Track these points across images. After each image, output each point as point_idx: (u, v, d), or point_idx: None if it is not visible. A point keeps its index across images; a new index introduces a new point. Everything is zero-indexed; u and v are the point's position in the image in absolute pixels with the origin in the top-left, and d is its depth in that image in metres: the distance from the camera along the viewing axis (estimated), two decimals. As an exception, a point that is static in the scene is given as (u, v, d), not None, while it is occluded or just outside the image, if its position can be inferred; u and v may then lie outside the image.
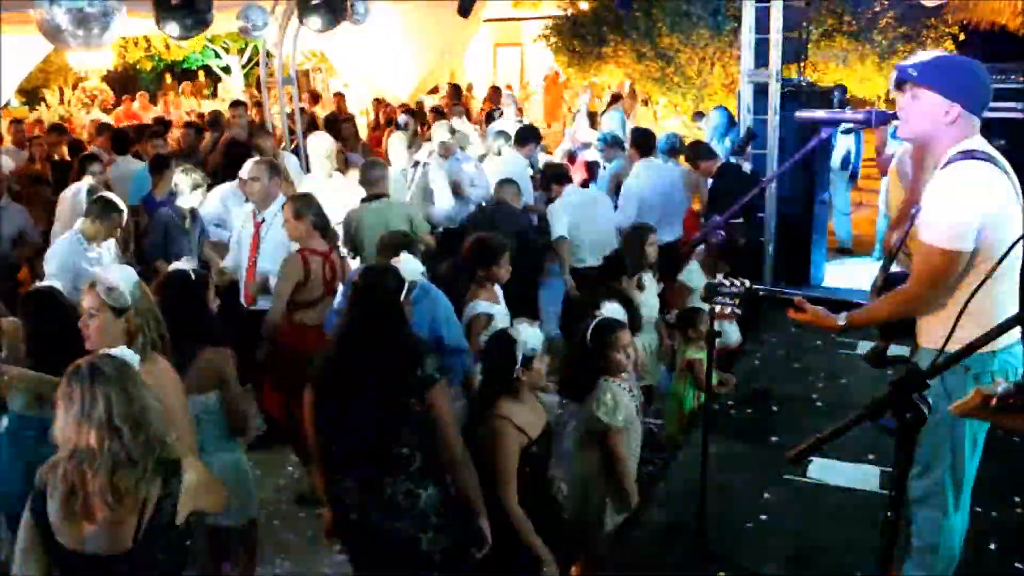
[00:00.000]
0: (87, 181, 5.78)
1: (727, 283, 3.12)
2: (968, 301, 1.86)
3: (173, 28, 6.67)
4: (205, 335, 3.24)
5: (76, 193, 5.62)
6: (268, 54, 10.39)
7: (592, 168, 7.96)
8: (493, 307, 4.10)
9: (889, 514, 1.72)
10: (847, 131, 7.96)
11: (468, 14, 9.38)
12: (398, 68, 14.78)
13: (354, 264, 5.05)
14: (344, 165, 7.17)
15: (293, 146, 9.00)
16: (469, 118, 10.64)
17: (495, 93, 13.10)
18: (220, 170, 6.94)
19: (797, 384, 5.23)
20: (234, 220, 5.49)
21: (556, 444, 3.39)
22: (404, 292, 3.08)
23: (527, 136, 7.45)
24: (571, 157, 8.28)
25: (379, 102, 12.84)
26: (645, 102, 14.53)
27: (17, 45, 9.63)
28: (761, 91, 6.79)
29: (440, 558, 2.90)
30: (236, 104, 9.53)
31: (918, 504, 2.76)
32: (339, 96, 13.49)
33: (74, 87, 15.77)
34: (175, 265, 3.45)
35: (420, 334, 3.38)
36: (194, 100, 15.43)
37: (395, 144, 6.96)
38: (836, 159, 8.14)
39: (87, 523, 2.14)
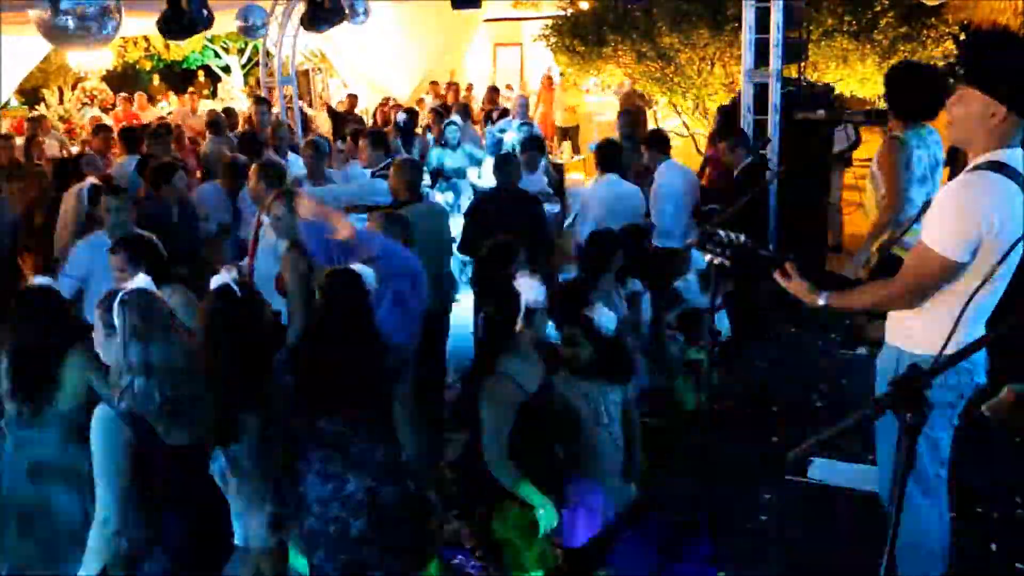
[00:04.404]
0: (90, 181, 5.79)
1: (722, 233, 2.99)
2: (964, 308, 1.87)
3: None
4: None
5: (79, 193, 5.63)
6: (268, 54, 10.40)
7: None
8: None
9: (889, 514, 1.72)
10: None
11: (478, 4, 9.28)
12: (398, 68, 14.78)
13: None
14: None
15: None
16: (471, 118, 10.63)
17: (493, 93, 13.10)
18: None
19: (797, 384, 5.22)
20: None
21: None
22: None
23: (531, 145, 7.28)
24: None
25: (384, 102, 12.82)
26: (648, 103, 14.53)
27: (17, 45, 9.62)
28: (761, 91, 6.80)
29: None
30: (260, 100, 9.47)
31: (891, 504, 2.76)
32: (351, 98, 13.49)
33: (74, 87, 15.77)
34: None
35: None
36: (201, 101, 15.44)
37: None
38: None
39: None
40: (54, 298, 3.32)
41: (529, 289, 3.12)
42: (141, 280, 2.69)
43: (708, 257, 3.09)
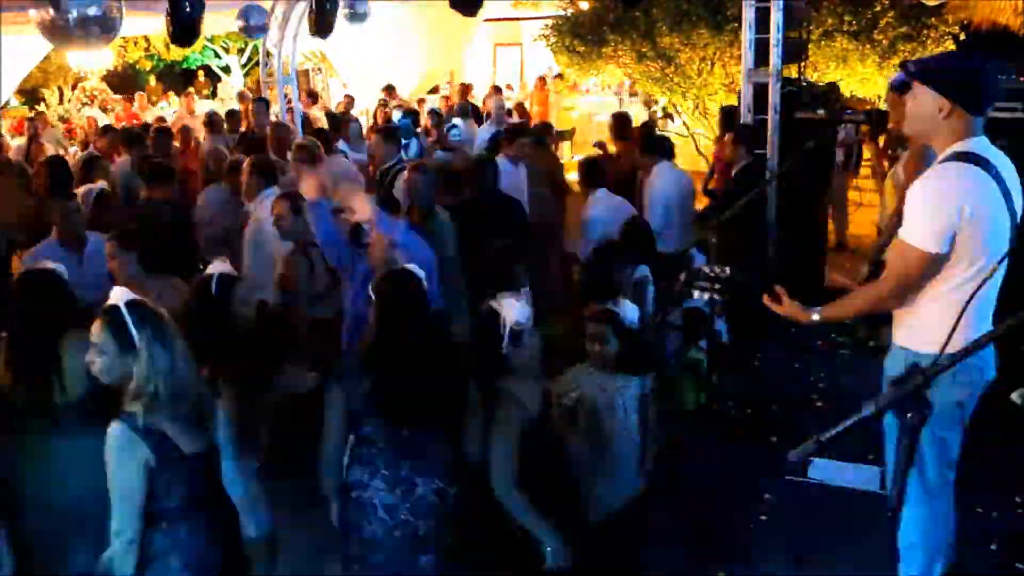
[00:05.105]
0: (101, 184, 5.79)
1: (707, 269, 3.18)
2: (966, 306, 1.87)
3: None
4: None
5: (87, 194, 5.64)
6: (268, 54, 10.41)
7: None
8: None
9: (889, 514, 1.73)
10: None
11: (475, 11, 9.28)
12: (398, 68, 14.78)
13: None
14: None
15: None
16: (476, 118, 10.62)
17: (495, 93, 13.08)
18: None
19: (797, 384, 5.22)
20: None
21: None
22: None
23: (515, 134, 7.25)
24: None
25: (384, 102, 12.80)
26: (647, 103, 14.54)
27: (17, 45, 9.63)
28: (761, 91, 6.80)
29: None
30: (259, 100, 9.47)
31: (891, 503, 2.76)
32: (348, 98, 13.47)
33: (74, 87, 15.77)
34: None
35: None
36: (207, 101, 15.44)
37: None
38: (837, 156, 8.16)
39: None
40: (51, 280, 3.25)
41: (511, 309, 2.98)
42: (121, 293, 2.57)
43: (698, 295, 3.18)
